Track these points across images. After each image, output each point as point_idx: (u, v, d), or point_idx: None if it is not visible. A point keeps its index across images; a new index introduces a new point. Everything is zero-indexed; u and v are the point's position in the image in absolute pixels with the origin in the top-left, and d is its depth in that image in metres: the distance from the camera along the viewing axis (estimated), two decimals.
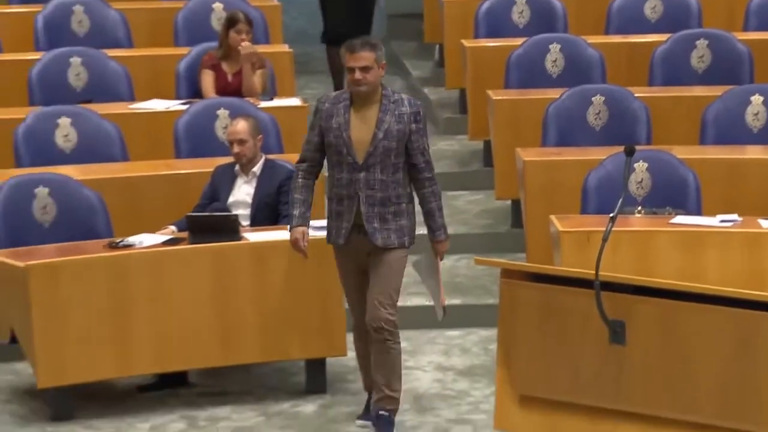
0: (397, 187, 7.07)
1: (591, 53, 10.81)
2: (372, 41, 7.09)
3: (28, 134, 9.31)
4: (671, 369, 6.64)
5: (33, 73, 10.28)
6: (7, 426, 7.84)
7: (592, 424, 6.85)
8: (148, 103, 10.13)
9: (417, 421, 7.94)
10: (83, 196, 8.57)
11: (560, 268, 7.62)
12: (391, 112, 7.02)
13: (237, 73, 10.19)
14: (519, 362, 6.99)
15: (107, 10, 11.23)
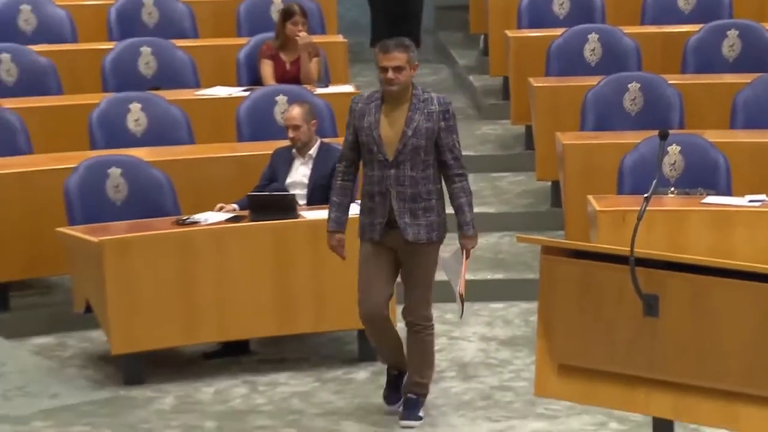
0: (428, 183, 6.86)
1: (627, 43, 10.78)
2: (405, 42, 6.89)
3: (102, 119, 9.38)
4: (701, 340, 6.60)
5: (106, 61, 10.33)
6: (83, 390, 7.91)
7: (627, 391, 6.82)
8: (212, 90, 10.17)
9: (462, 388, 7.97)
10: (153, 176, 8.63)
11: (597, 245, 7.61)
12: (420, 111, 6.80)
13: (294, 61, 10.21)
14: (558, 333, 6.99)
15: (175, 3, 11.29)
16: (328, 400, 7.76)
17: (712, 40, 10.91)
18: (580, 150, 9.50)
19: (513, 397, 7.83)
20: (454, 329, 8.86)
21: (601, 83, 10.00)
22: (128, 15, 11.11)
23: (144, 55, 10.40)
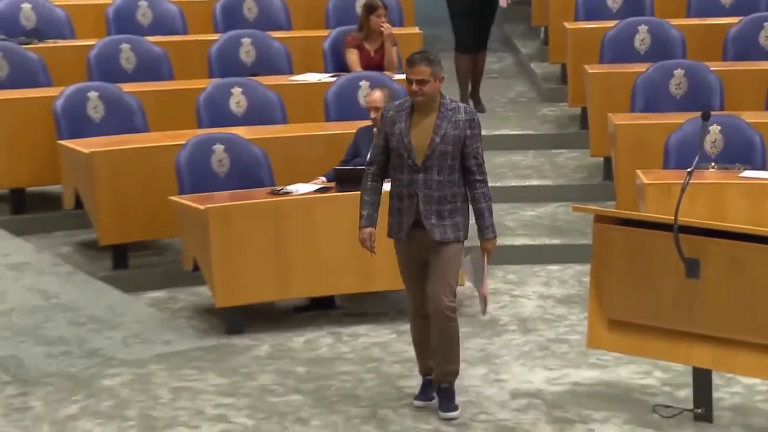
0: (453, 186, 6.46)
1: (674, 33, 10.65)
2: (430, 57, 6.45)
3: (208, 101, 9.40)
4: (738, 299, 6.55)
5: (212, 50, 10.35)
6: (191, 338, 7.96)
7: (670, 344, 6.78)
8: (303, 76, 10.17)
9: (522, 340, 7.93)
10: (251, 152, 8.64)
11: (645, 214, 7.55)
12: (447, 119, 6.39)
13: (377, 50, 10.21)
14: (608, 292, 6.94)
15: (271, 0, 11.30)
16: (403, 349, 7.74)
17: (750, 31, 10.77)
18: (630, 129, 9.39)
19: (567, 348, 7.78)
20: (515, 288, 8.83)
21: (650, 70, 9.88)
22: (231, 10, 11.15)
23: (244, 46, 10.40)
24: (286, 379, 7.30)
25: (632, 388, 7.23)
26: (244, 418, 6.84)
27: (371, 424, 6.74)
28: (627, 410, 6.91)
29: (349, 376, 7.35)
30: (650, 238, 6.77)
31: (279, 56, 10.37)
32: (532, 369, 7.50)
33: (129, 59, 10.09)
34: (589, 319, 7.10)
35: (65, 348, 7.65)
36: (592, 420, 6.81)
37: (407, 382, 7.26)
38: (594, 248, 7.02)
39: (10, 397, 7.05)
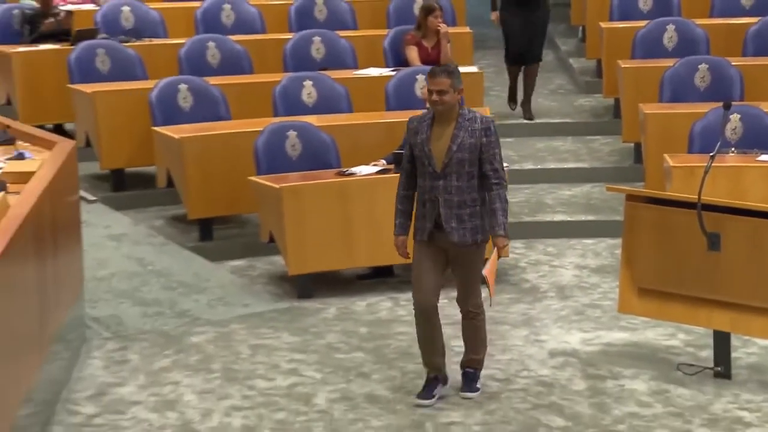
0: (472, 192, 6.11)
1: (699, 32, 10.53)
2: (450, 69, 6.15)
3: (283, 92, 9.39)
4: (755, 269, 6.52)
5: (287, 48, 10.34)
6: (267, 301, 7.99)
7: (692, 309, 6.76)
8: (366, 71, 10.15)
9: (560, 305, 7.91)
10: (321, 138, 8.63)
11: (671, 193, 7.49)
12: (465, 129, 6.05)
13: (433, 47, 10.19)
14: (637, 263, 6.90)
15: (339, 2, 11.27)
16: (453, 313, 7.67)
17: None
18: (658, 118, 9.31)
19: (600, 313, 7.74)
20: (554, 259, 8.80)
21: (677, 64, 9.78)
22: (304, 12, 11.13)
23: (315, 43, 10.39)
24: (350, 338, 7.32)
25: (658, 349, 7.19)
26: (313, 372, 6.87)
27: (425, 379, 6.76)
28: (653, 368, 6.88)
29: (406, 336, 7.35)
30: (676, 215, 6.73)
31: (345, 53, 10.36)
32: (568, 331, 7.47)
33: (214, 55, 10.11)
34: (620, 287, 7.07)
35: (158, 309, 7.72)
36: (622, 376, 6.78)
37: (457, 342, 7.24)
38: (625, 224, 6.99)
39: (110, 351, 7.13)
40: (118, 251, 8.48)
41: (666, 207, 6.82)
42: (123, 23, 10.57)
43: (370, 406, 6.35)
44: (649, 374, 6.79)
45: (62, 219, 7.03)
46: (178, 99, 9.20)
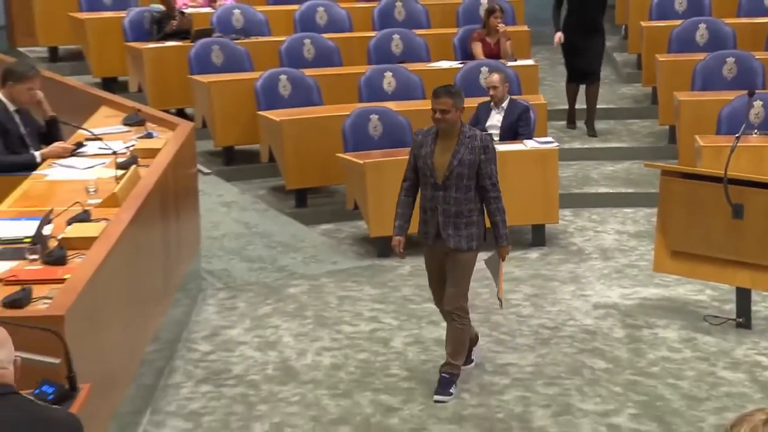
0: (469, 203, 5.69)
1: (727, 30, 10.34)
2: (452, 90, 5.78)
3: (367, 82, 9.39)
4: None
5: (371, 44, 10.31)
6: (352, 259, 8.01)
7: (718, 269, 6.72)
8: (438, 63, 10.10)
9: (602, 265, 7.87)
10: (398, 120, 8.62)
11: (701, 169, 7.42)
12: (465, 145, 5.65)
13: (495, 43, 10.13)
14: (671, 229, 6.86)
15: (415, 4, 11.23)
16: (511, 270, 7.71)
17: None
18: (690, 104, 9.18)
19: (638, 271, 7.70)
20: (597, 226, 8.74)
21: (707, 58, 9.64)
22: (385, 13, 11.10)
23: (395, 40, 10.36)
24: (421, 291, 7.31)
25: (688, 302, 7.14)
26: (391, 319, 6.91)
27: (485, 326, 6.76)
28: (683, 319, 6.84)
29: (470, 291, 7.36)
30: (705, 187, 6.68)
31: (420, 48, 10.32)
32: (609, 287, 7.43)
33: (309, 51, 10.14)
34: (655, 249, 7.04)
35: (261, 264, 7.79)
36: (656, 326, 6.75)
37: (514, 296, 7.25)
38: (660, 195, 6.95)
39: (222, 300, 7.23)
40: (228, 216, 8.58)
41: (696, 181, 6.77)
42: (234, 24, 10.64)
43: (439, 349, 6.37)
44: (679, 324, 6.76)
45: (183, 188, 7.12)
46: (279, 88, 9.25)
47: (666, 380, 6.05)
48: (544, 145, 8.29)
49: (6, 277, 4.86)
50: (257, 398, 5.88)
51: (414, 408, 5.77)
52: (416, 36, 10.44)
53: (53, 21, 11.28)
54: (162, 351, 6.20)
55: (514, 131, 8.36)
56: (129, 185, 6.06)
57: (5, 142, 6.77)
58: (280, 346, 6.50)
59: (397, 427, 5.57)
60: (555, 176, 8.23)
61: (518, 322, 6.85)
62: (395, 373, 6.13)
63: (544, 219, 8.27)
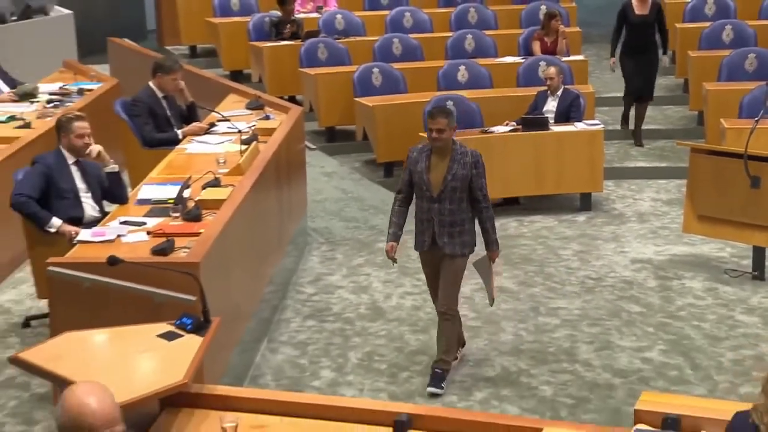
0: (462, 213, 5.22)
1: (749, 30, 10.01)
2: (447, 110, 5.29)
3: (444, 74, 9.19)
4: None
5: (448, 42, 10.05)
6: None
7: (738, 230, 6.59)
8: (504, 59, 9.90)
9: (639, 227, 7.74)
10: (470, 106, 8.50)
11: (725, 147, 7.21)
12: (458, 162, 5.16)
13: (552, 42, 9.93)
14: (698, 196, 6.73)
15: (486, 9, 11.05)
16: (561, 231, 7.65)
17: None
18: (717, 92, 8.92)
19: (669, 232, 7.56)
20: (635, 194, 8.59)
21: (732, 54, 9.35)
22: (461, 17, 10.88)
23: (468, 39, 10.09)
24: None
25: (711, 258, 7.00)
26: None
27: (540, 277, 6.72)
28: (707, 272, 6.72)
29: (527, 247, 7.31)
30: (727, 162, 6.54)
31: (489, 46, 10.17)
32: (645, 245, 7.31)
33: (397, 48, 10.06)
34: (684, 214, 6.91)
35: (356, 224, 7.80)
36: (684, 278, 6.64)
37: (564, 252, 7.18)
38: (689, 169, 6.81)
39: (323, 252, 7.27)
40: (329, 184, 8.61)
41: (720, 157, 6.63)
42: (336, 26, 10.62)
43: (502, 294, 6.36)
44: (703, 276, 6.64)
45: (293, 160, 7.17)
46: (372, 78, 9.22)
47: (691, 322, 5.96)
48: (591, 126, 8.16)
49: (154, 231, 4.98)
50: (352, 332, 5.93)
51: (480, 342, 5.77)
52: (486, 36, 10.30)
53: (193, 25, 11.43)
54: (276, 292, 6.29)
55: (566, 115, 8.24)
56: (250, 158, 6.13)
57: (155, 122, 6.93)
58: (371, 291, 6.53)
59: (466, 358, 5.58)
60: (600, 152, 8.08)
61: (567, 273, 6.78)
62: (464, 314, 6.09)
63: (591, 188, 8.14)
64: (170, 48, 11.91)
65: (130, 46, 10.55)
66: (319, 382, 5.35)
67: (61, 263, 4.58)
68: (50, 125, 6.53)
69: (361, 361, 5.56)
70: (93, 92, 8.21)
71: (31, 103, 7.76)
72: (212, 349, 3.81)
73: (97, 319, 4.03)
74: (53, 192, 5.37)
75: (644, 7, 9.16)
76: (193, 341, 3.69)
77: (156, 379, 3.49)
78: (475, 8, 11.00)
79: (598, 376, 5.37)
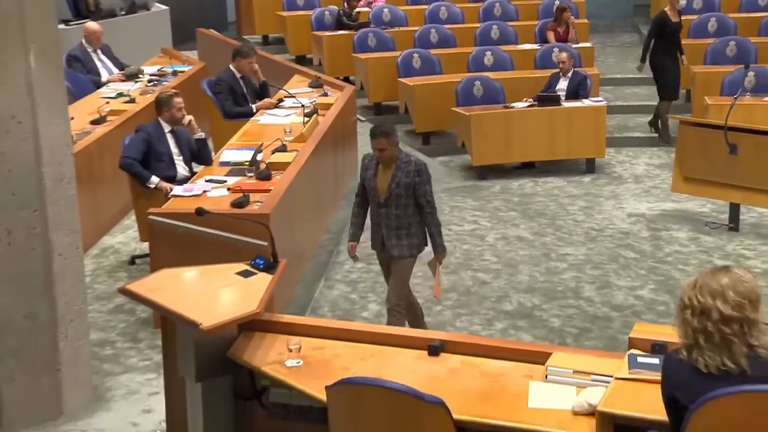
0: (408, 218, 4.62)
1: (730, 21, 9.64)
2: (386, 130, 4.61)
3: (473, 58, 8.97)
4: (757, 166, 6.16)
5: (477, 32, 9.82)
6: (459, 181, 7.81)
7: (717, 189, 6.42)
8: (523, 45, 9.61)
9: (635, 186, 7.59)
10: (494, 85, 8.26)
11: (708, 120, 6.98)
12: (402, 170, 4.57)
13: (564, 31, 9.67)
14: (685, 161, 6.57)
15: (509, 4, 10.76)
16: (570, 190, 7.53)
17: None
18: (703, 74, 8.63)
19: (660, 191, 7.40)
20: (632, 159, 8.40)
21: (716, 42, 9.03)
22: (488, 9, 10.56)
23: (494, 29, 9.80)
24: (507, 203, 7.22)
25: (695, 213, 6.84)
26: (485, 222, 6.80)
27: (551, 228, 6.63)
28: (691, 225, 6.58)
29: (540, 203, 7.20)
30: (710, 133, 6.36)
31: (511, 34, 9.93)
32: (639, 201, 7.17)
33: (434, 36, 9.84)
34: (673, 176, 6.75)
35: None
36: (671, 229, 6.52)
37: (572, 207, 7.07)
38: (678, 138, 6.65)
39: None
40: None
41: (704, 128, 6.46)
42: (383, 18, 10.46)
43: (519, 243, 6.30)
44: (687, 228, 6.51)
45: (346, 130, 7.13)
46: (413, 62, 9.07)
47: (677, 266, 5.86)
48: (596, 102, 7.98)
49: (233, 187, 5.00)
50: None
51: (500, 282, 5.73)
52: (508, 26, 10.06)
53: (266, 17, 11.33)
54: (332, 239, 6.28)
55: (575, 93, 8.05)
56: (311, 128, 6.10)
57: (234, 98, 6.93)
58: None
59: (489, 294, 5.54)
60: (603, 124, 7.90)
61: (574, 225, 6.68)
62: (487, 258, 6.08)
63: (595, 154, 7.97)
64: (247, 37, 11.84)
65: (214, 35, 10.53)
66: (367, 313, 5.35)
67: (159, 213, 4.64)
68: (150, 100, 6.60)
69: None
70: (184, 73, 8.21)
71: (135, 82, 7.79)
72: (280, 285, 3.83)
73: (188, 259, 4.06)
74: (152, 155, 5.43)
75: (677, 14, 8.53)
76: (265, 278, 3.71)
77: (235, 308, 3.51)
78: (499, 3, 10.74)
79: (599, 311, 5.30)
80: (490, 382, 3.15)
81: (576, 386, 3.04)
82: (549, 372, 3.13)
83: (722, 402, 2.44)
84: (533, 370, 3.17)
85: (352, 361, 3.34)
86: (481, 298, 5.46)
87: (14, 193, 3.83)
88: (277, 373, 3.32)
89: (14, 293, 3.91)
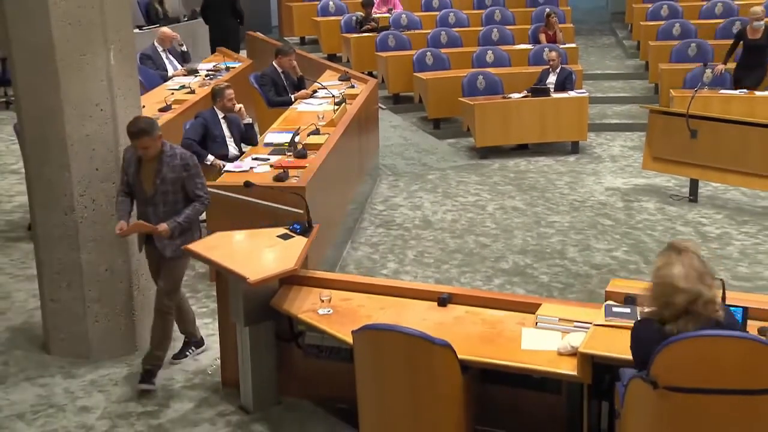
0: (178, 215, 3.64)
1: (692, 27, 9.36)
2: (144, 127, 3.52)
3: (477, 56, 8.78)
4: (717, 146, 6.03)
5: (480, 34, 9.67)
6: (464, 159, 7.66)
7: (681, 167, 6.29)
8: (519, 46, 9.40)
9: (611, 165, 7.44)
10: (495, 79, 8.05)
11: (673, 109, 6.79)
12: (167, 164, 3.58)
13: (553, 33, 9.44)
14: (653, 142, 6.42)
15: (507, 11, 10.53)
16: (557, 167, 7.40)
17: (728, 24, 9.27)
18: (668, 71, 8.39)
19: (633, 169, 7.27)
20: (610, 142, 8.25)
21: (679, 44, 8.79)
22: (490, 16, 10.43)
23: (494, 32, 9.62)
24: (504, 179, 7.10)
25: (661, 187, 6.71)
26: (486, 194, 6.70)
27: (542, 199, 6.52)
28: (657, 197, 6.45)
29: (532, 179, 7.08)
30: (675, 120, 6.21)
31: (509, 36, 9.69)
32: (615, 177, 7.03)
33: (444, 38, 9.57)
34: (644, 156, 6.60)
35: (413, 161, 7.62)
36: (642, 200, 6.40)
37: (558, 182, 6.95)
38: (648, 124, 6.48)
39: (390, 181, 7.14)
40: (395, 133, 8.42)
41: (670, 116, 6.30)
42: (401, 22, 10.25)
43: (514, 212, 6.21)
44: (655, 199, 6.38)
45: (370, 117, 7.03)
46: (426, 59, 8.91)
47: (646, 231, 5.76)
48: (580, 94, 7.82)
49: (275, 165, 4.96)
50: (409, 237, 5.85)
51: (498, 245, 5.66)
52: (507, 29, 9.84)
53: (303, 22, 11.19)
54: (357, 208, 6.23)
55: (563, 86, 7.87)
56: (341, 114, 6.02)
57: (276, 89, 6.91)
58: (423, 209, 6.42)
59: (488, 255, 5.48)
60: (585, 112, 7.74)
61: (561, 197, 6.57)
62: (488, 225, 6.01)
63: (578, 137, 7.82)
64: (287, 38, 11.71)
65: (260, 36, 10.42)
66: (387, 270, 5.32)
67: (214, 185, 4.61)
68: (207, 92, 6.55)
69: (416, 257, 5.49)
70: (235, 69, 8.14)
71: (195, 76, 7.76)
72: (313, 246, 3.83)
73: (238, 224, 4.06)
74: (209, 137, 5.44)
75: (756, 32, 7.56)
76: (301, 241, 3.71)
77: (276, 265, 3.52)
78: (499, 10, 10.54)
79: (580, 269, 5.24)
80: (489, 328, 3.17)
81: (561, 331, 3.07)
82: (539, 320, 3.14)
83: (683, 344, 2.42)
84: (525, 318, 3.19)
85: (373, 310, 3.35)
86: (482, 258, 5.42)
87: (97, 168, 3.88)
88: (311, 319, 3.33)
89: (97, 251, 3.97)
